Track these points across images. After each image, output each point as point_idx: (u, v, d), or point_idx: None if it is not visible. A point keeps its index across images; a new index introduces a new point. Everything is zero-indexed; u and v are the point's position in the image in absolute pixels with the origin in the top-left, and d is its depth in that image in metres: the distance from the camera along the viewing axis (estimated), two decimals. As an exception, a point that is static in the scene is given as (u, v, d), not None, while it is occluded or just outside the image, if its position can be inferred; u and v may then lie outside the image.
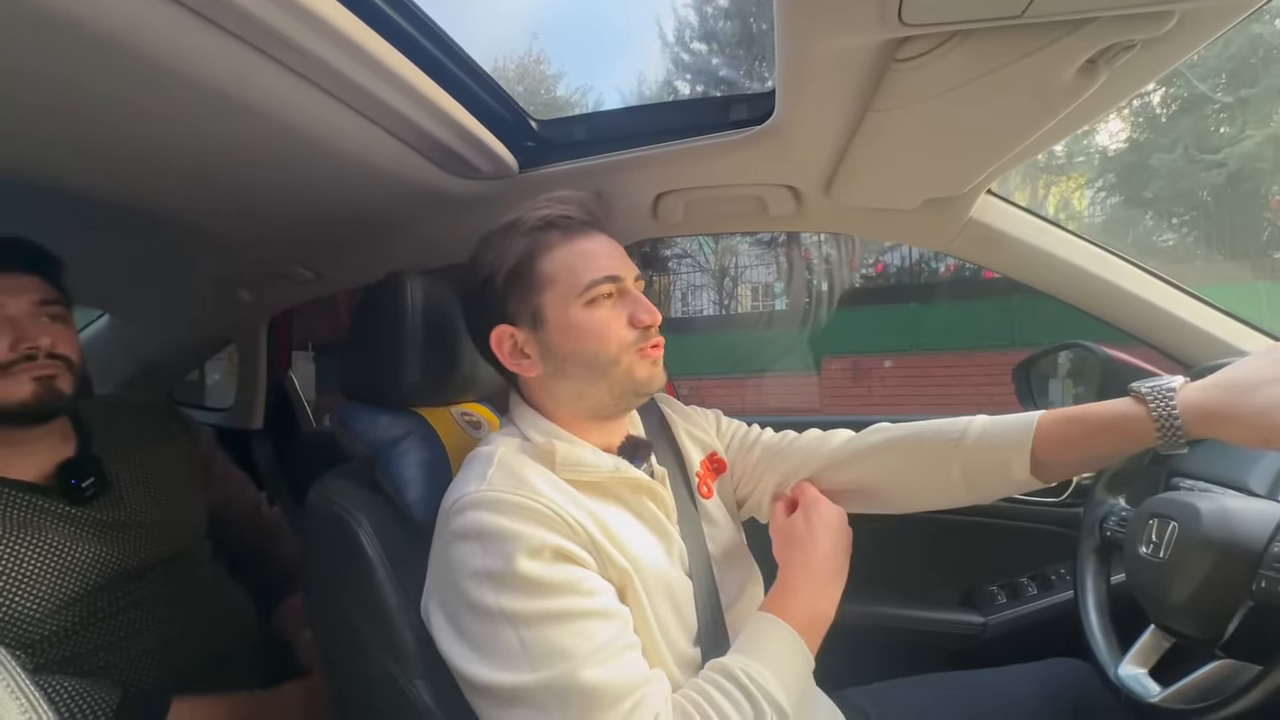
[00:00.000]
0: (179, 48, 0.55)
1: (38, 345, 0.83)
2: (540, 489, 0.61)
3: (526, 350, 0.69)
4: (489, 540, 0.57)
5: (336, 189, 0.92)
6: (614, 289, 0.68)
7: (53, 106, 0.64)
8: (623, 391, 0.69)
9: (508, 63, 14.02)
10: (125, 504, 0.92)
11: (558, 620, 0.55)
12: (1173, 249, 9.01)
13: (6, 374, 0.81)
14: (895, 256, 9.48)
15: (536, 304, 0.67)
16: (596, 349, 0.67)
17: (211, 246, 1.14)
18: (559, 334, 0.67)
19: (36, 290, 0.86)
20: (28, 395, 0.82)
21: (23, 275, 0.86)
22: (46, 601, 0.80)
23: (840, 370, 8.02)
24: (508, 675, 0.54)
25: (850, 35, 0.56)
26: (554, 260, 0.67)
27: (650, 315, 0.68)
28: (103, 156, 0.77)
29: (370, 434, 0.75)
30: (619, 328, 0.67)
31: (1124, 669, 0.73)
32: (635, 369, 0.68)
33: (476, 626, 0.56)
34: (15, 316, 0.83)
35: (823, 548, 0.68)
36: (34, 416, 0.85)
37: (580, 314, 0.66)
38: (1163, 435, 0.60)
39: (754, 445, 0.85)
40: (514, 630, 0.54)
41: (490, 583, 0.56)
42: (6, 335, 0.82)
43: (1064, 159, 10.00)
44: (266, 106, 0.66)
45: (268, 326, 1.67)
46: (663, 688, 0.57)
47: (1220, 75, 8.04)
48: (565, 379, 0.69)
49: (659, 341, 0.70)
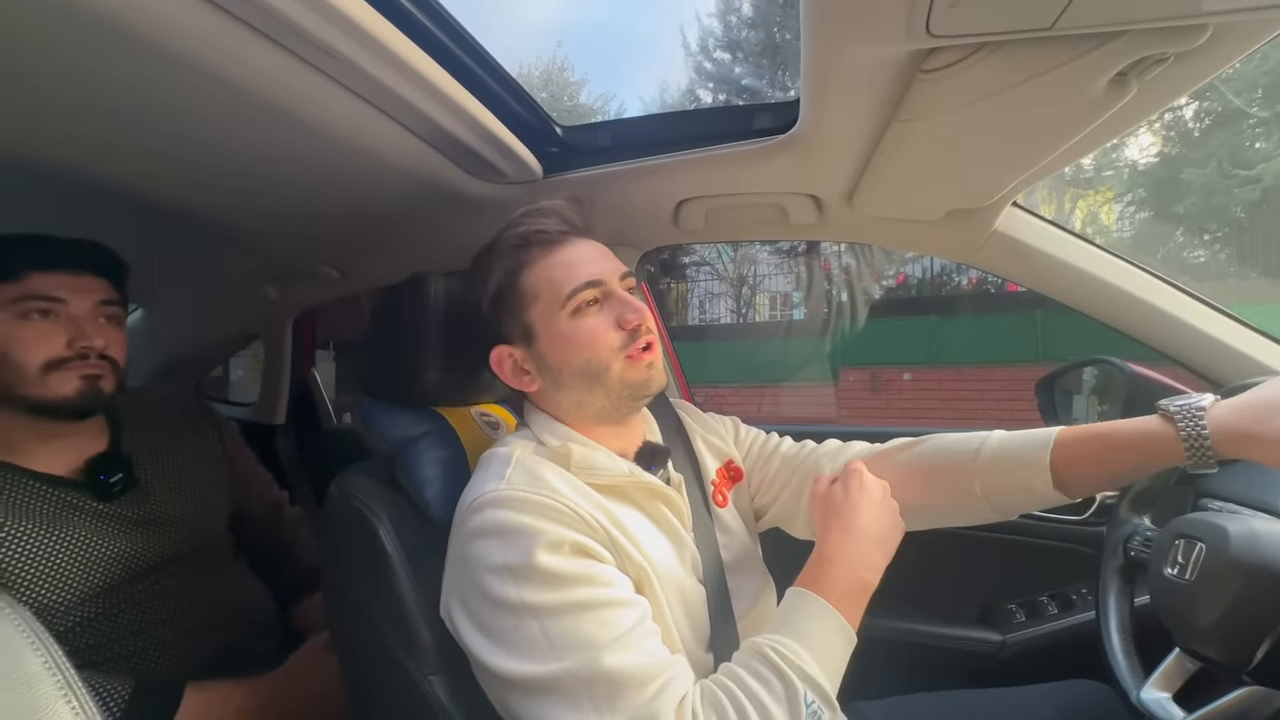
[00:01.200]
0: (219, 51, 0.57)
1: (92, 345, 0.86)
2: (558, 487, 0.61)
3: (525, 367, 0.70)
4: (508, 536, 0.58)
5: (364, 190, 0.94)
6: (597, 294, 0.68)
7: (95, 105, 0.66)
8: (620, 396, 0.69)
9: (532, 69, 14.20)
10: (151, 500, 0.94)
11: (579, 610, 0.55)
12: (1204, 265, 8.79)
13: (58, 370, 0.84)
14: (916, 268, 9.37)
15: (525, 321, 0.69)
16: (587, 357, 0.67)
17: (242, 245, 1.17)
18: (550, 347, 0.68)
19: (101, 291, 0.90)
20: (72, 393, 0.85)
21: (91, 277, 0.89)
22: (72, 594, 0.82)
23: (858, 382, 7.93)
24: (534, 666, 0.54)
25: (877, 46, 0.56)
26: (534, 275, 0.68)
27: (636, 314, 0.67)
28: (142, 155, 0.80)
29: (392, 431, 0.76)
30: (606, 333, 0.67)
31: (1146, 692, 0.71)
32: (628, 373, 0.68)
33: (500, 620, 0.56)
34: (77, 316, 0.87)
35: (863, 513, 0.66)
36: (74, 413, 0.88)
37: (567, 324, 0.67)
38: (1192, 455, 0.59)
39: (773, 455, 0.85)
40: (537, 622, 0.55)
41: (511, 577, 0.56)
42: (65, 332, 0.85)
43: (1092, 172, 9.81)
44: (300, 109, 0.68)
45: (293, 324, 1.71)
46: (688, 671, 0.57)
47: (1257, 89, 7.85)
48: (564, 390, 0.70)
49: (651, 341, 0.69)
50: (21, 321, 0.83)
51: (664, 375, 0.71)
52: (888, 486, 0.69)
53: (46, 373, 0.83)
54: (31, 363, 0.83)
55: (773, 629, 0.60)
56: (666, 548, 0.68)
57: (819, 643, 0.58)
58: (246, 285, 1.41)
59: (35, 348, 0.83)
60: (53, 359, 0.84)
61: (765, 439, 0.88)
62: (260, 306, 1.54)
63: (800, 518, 0.81)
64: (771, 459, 0.85)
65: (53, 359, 0.84)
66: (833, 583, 0.62)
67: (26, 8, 0.50)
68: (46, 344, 0.84)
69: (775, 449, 0.86)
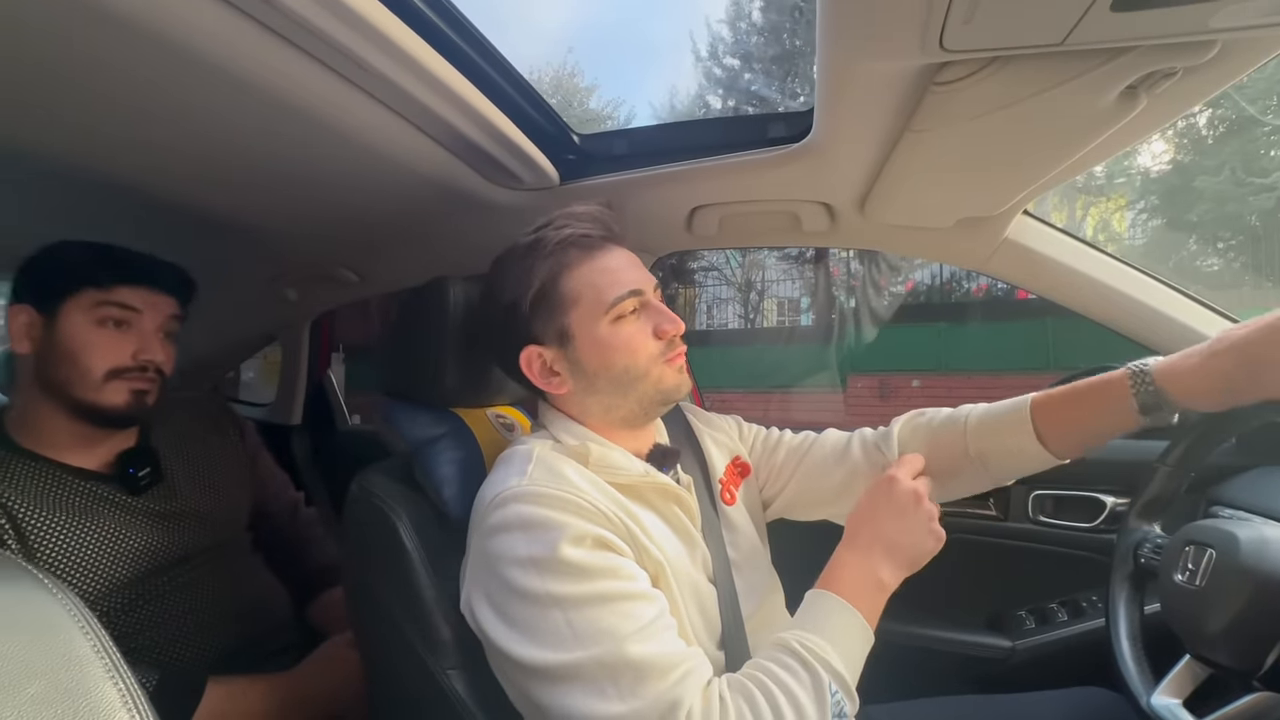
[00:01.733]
0: (245, 56, 0.58)
1: (154, 360, 0.90)
2: (578, 484, 0.63)
3: (556, 369, 0.71)
4: (533, 530, 0.59)
5: (384, 195, 0.95)
6: (637, 303, 0.70)
7: (120, 105, 0.67)
8: (652, 401, 0.71)
9: (543, 74, 14.30)
10: (176, 494, 0.97)
11: (602, 601, 0.56)
12: (1218, 274, 8.71)
13: (118, 379, 0.88)
14: (925, 275, 9.34)
15: (563, 323, 0.69)
16: (626, 364, 0.69)
17: (263, 247, 1.19)
18: (588, 351, 0.69)
19: (170, 309, 0.94)
20: (121, 404, 0.89)
21: (166, 296, 0.93)
22: (100, 585, 0.84)
23: (866, 388, 7.91)
24: (558, 655, 0.55)
25: (891, 60, 0.57)
26: (577, 279, 0.69)
27: (674, 325, 0.70)
28: (162, 157, 0.81)
29: (412, 431, 0.77)
30: (645, 341, 0.69)
31: (1157, 699, 0.71)
32: (664, 379, 0.70)
33: (524, 611, 0.57)
34: (146, 330, 0.91)
35: (885, 521, 0.66)
36: (117, 422, 0.91)
37: (607, 330, 0.68)
38: (1138, 394, 0.67)
39: (777, 447, 0.88)
40: (561, 612, 0.56)
41: (535, 569, 0.57)
42: (133, 344, 0.89)
43: (1104, 180, 9.76)
44: (323, 114, 0.70)
45: (311, 326, 1.73)
46: (707, 662, 0.58)
47: (1271, 97, 7.79)
48: (596, 394, 0.71)
49: (682, 349, 0.72)
50: (98, 328, 0.87)
51: (690, 382, 0.73)
52: (921, 492, 0.68)
53: (107, 380, 0.87)
54: (98, 369, 0.86)
55: (795, 625, 0.62)
56: (679, 547, 0.69)
57: (841, 639, 0.60)
58: (266, 287, 1.43)
59: (105, 355, 0.87)
60: (116, 368, 0.88)
61: (767, 433, 0.91)
62: (279, 308, 1.56)
63: (807, 502, 0.86)
64: (777, 450, 0.88)
65: (116, 368, 0.88)
66: (851, 584, 0.64)
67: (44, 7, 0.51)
68: (115, 352, 0.88)
69: (779, 440, 0.89)
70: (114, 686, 0.36)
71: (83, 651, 0.37)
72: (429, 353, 0.79)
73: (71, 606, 0.38)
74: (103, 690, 0.36)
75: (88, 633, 0.38)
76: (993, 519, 1.20)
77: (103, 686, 0.36)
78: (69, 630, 0.37)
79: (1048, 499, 1.16)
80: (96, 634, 0.38)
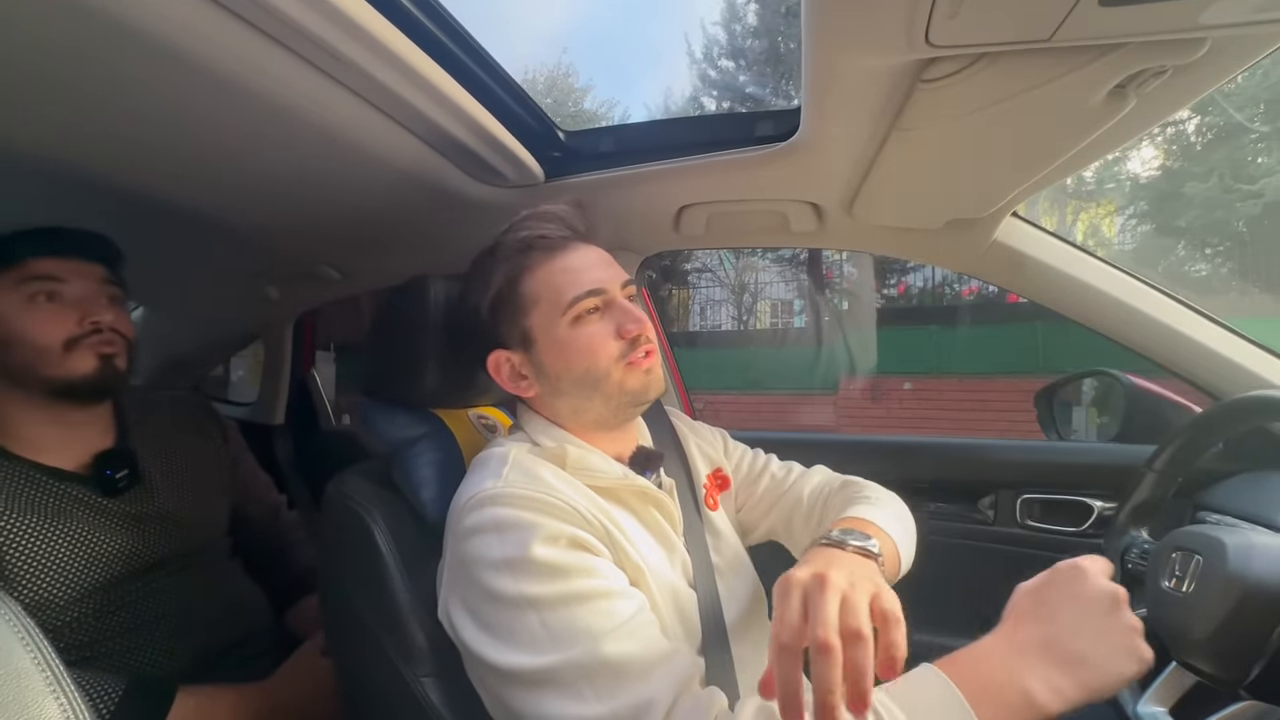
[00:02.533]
0: (222, 49, 0.57)
1: (102, 319, 0.88)
2: (554, 485, 0.61)
3: (523, 372, 0.70)
4: (506, 531, 0.57)
5: (367, 192, 0.94)
6: (599, 302, 0.68)
7: (93, 99, 0.66)
8: (619, 403, 0.69)
9: (537, 75, 14.29)
10: (154, 497, 0.94)
11: (578, 601, 0.55)
12: (1206, 279, 8.81)
13: (75, 348, 0.86)
14: (917, 278, 9.40)
15: (525, 326, 0.68)
16: (586, 365, 0.67)
17: (244, 245, 1.17)
18: (549, 353, 0.68)
19: (98, 275, 0.91)
20: (91, 370, 0.87)
21: (88, 263, 0.91)
22: (71, 589, 0.82)
23: (858, 390, 7.93)
24: (533, 658, 0.53)
25: (877, 56, 0.56)
26: (536, 281, 0.68)
27: (637, 325, 0.67)
28: (143, 152, 0.80)
29: (390, 432, 0.76)
30: (605, 342, 0.67)
31: (1143, 707, 0.71)
32: (627, 381, 0.68)
33: (499, 615, 0.56)
34: (82, 294, 0.88)
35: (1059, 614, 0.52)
36: (94, 392, 0.89)
37: (567, 332, 0.67)
38: None
39: (761, 475, 0.87)
40: (536, 614, 0.54)
41: (509, 571, 0.56)
42: (74, 311, 0.87)
43: (1093, 185, 9.85)
44: (303, 109, 0.68)
45: (294, 325, 1.71)
46: (689, 661, 0.55)
47: (1259, 105, 7.88)
48: (562, 396, 0.69)
49: (651, 349, 0.69)
50: (30, 305, 0.85)
51: (662, 382, 0.71)
52: (1122, 596, 0.53)
53: (67, 351, 0.85)
54: (53, 342, 0.85)
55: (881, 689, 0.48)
56: (658, 552, 0.68)
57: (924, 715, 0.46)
58: (248, 285, 1.41)
59: (51, 328, 0.85)
60: (70, 337, 0.86)
61: (753, 457, 0.89)
62: (261, 307, 1.54)
63: (785, 536, 0.84)
64: (760, 479, 0.86)
65: (70, 337, 0.86)
66: (982, 682, 0.48)
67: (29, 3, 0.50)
68: (60, 324, 0.86)
69: (764, 469, 0.87)
70: (55, 701, 0.35)
71: (23, 665, 0.35)
72: (409, 352, 0.78)
73: (11, 617, 0.37)
74: (43, 705, 0.34)
75: (29, 645, 0.36)
76: (982, 523, 1.20)
77: (43, 701, 0.34)
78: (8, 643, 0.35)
79: (1036, 503, 1.16)
80: (39, 646, 0.37)
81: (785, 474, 0.86)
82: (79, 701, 0.35)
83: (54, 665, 0.37)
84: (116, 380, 0.90)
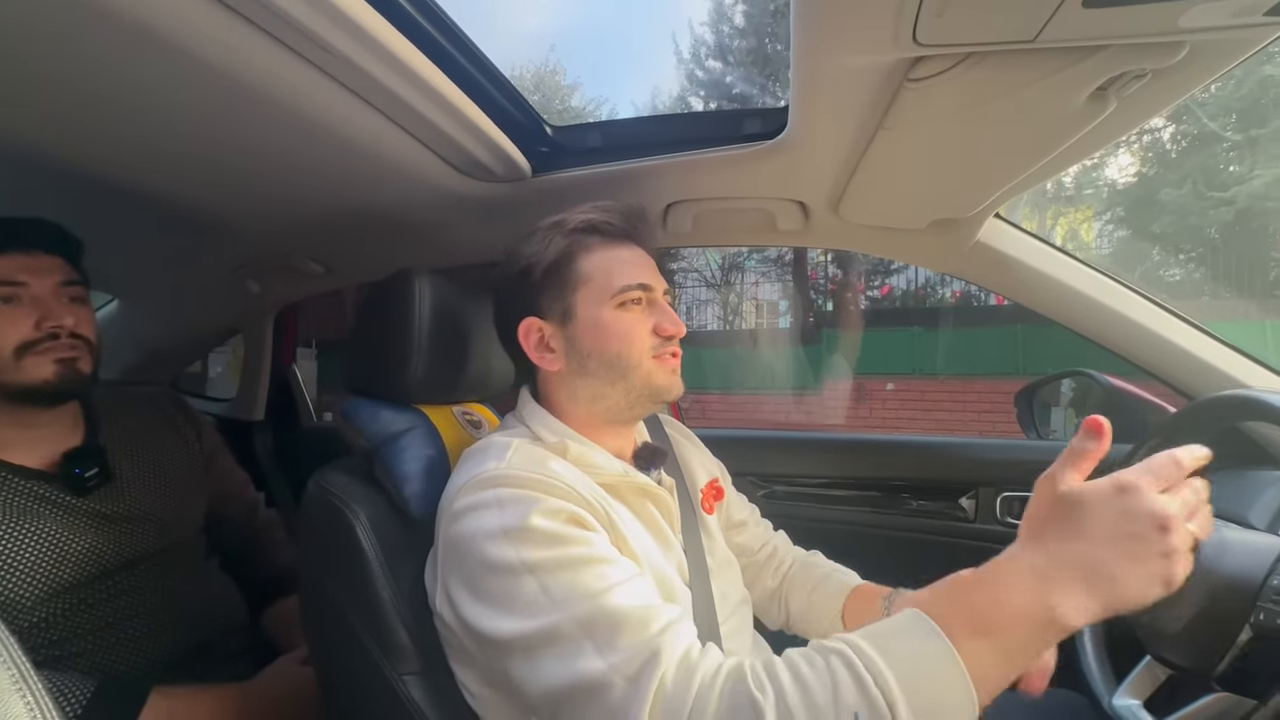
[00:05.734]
0: (202, 35, 0.56)
1: (62, 325, 0.84)
2: (558, 471, 0.62)
3: (552, 344, 0.71)
4: (506, 505, 0.58)
5: (350, 184, 0.93)
6: (644, 297, 0.71)
7: (71, 85, 0.64)
8: (639, 395, 0.70)
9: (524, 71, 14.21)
10: (125, 496, 0.92)
11: (577, 565, 0.54)
12: (1179, 284, 9.00)
13: (32, 353, 0.83)
14: (901, 280, 9.49)
15: (569, 301, 0.70)
16: (620, 349, 0.69)
17: (223, 236, 1.15)
18: (586, 331, 0.69)
19: (60, 271, 0.88)
20: (50, 375, 0.83)
21: (47, 256, 0.87)
22: (39, 589, 0.80)
23: (843, 390, 8.00)
24: (534, 621, 0.53)
25: (865, 54, 0.56)
26: (591, 262, 0.70)
27: (675, 327, 0.71)
28: (120, 142, 0.78)
29: (373, 428, 0.75)
30: (643, 333, 0.70)
31: (1118, 700, 0.72)
32: (654, 374, 0.70)
33: (498, 583, 0.55)
34: (40, 296, 0.85)
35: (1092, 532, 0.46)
36: (54, 396, 0.86)
37: (609, 315, 0.69)
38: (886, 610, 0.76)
39: (744, 526, 0.92)
40: (535, 578, 0.54)
41: (508, 539, 0.56)
42: (32, 315, 0.83)
43: (1073, 190, 10.02)
44: (286, 99, 0.67)
45: (274, 319, 1.68)
46: (690, 622, 0.55)
47: (1231, 114, 8.07)
48: (586, 376, 0.70)
49: (678, 351, 0.72)
50: None
51: (681, 385, 0.73)
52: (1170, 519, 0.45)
53: (20, 357, 0.82)
54: (4, 349, 0.81)
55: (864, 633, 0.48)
56: (655, 549, 0.68)
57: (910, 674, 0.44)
58: (228, 278, 1.39)
59: (4, 333, 0.81)
60: (24, 342, 0.82)
61: (744, 504, 0.94)
62: (241, 300, 1.51)
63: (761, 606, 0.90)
64: (743, 527, 0.92)
65: (24, 342, 0.82)
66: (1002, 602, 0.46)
67: None
68: (14, 328, 0.82)
69: (747, 519, 0.93)
70: (21, 699, 0.34)
71: (-14, 662, 0.34)
72: (392, 347, 0.77)
73: (-24, 613, 0.35)
74: (9, 703, 0.33)
75: None
76: (963, 520, 1.21)
77: (8, 699, 0.33)
78: None
79: (1016, 501, 1.17)
80: (4, 644, 0.36)
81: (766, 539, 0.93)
82: (46, 700, 0.34)
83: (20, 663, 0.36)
84: (79, 383, 0.87)
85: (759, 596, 0.89)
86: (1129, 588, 0.45)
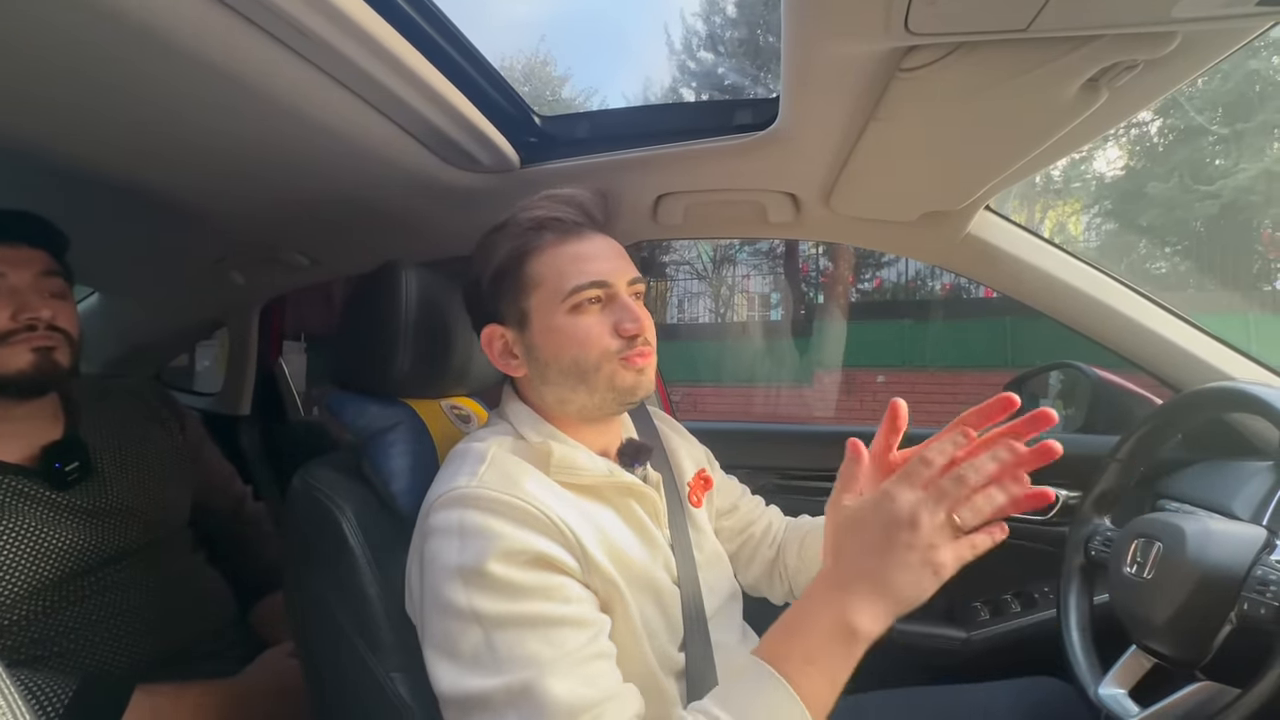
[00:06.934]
0: (187, 23, 0.55)
1: (38, 316, 0.83)
2: (531, 491, 0.59)
3: (514, 351, 0.69)
4: (468, 537, 0.56)
5: (335, 175, 0.91)
6: (601, 294, 0.66)
7: (52, 73, 0.63)
8: (604, 398, 0.67)
9: (514, 62, 14.08)
10: (107, 490, 0.91)
11: (527, 625, 0.53)
12: (1165, 276, 9.09)
13: (7, 344, 0.81)
14: (891, 273, 9.53)
15: (524, 306, 0.67)
16: (576, 355, 0.65)
17: (207, 227, 1.13)
18: (542, 338, 0.66)
19: (40, 263, 0.86)
20: (26, 366, 0.82)
21: (27, 248, 0.86)
22: (19, 587, 0.79)
23: (832, 383, 8.04)
24: (472, 680, 0.52)
25: (856, 42, 0.56)
26: (542, 263, 0.66)
27: (635, 324, 0.65)
28: (101, 131, 0.76)
29: (359, 422, 0.74)
30: (602, 335, 0.65)
31: (1104, 688, 0.73)
32: (617, 377, 0.66)
33: (446, 625, 0.55)
34: (18, 287, 0.83)
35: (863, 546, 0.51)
36: (31, 388, 0.84)
37: (563, 320, 0.65)
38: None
39: (735, 508, 0.90)
40: (481, 629, 0.53)
41: (462, 580, 0.54)
42: (8, 305, 0.82)
43: (1061, 183, 10.09)
44: (271, 89, 0.66)
45: (260, 312, 1.66)
46: (626, 707, 0.54)
47: (1218, 108, 8.14)
48: (548, 383, 0.68)
49: (647, 350, 0.67)
50: None
51: (653, 383, 0.69)
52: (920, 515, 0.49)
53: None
54: None
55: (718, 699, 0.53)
56: (638, 547, 0.67)
57: None
58: (211, 270, 1.37)
59: None
60: (1, 332, 0.81)
61: (734, 485, 0.92)
62: (225, 293, 1.49)
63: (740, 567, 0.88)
64: (735, 510, 0.90)
65: (1, 332, 0.81)
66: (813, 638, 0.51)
67: None
68: None
69: (738, 500, 0.91)
70: None
71: (-42, 663, 0.33)
72: (380, 341, 0.76)
73: (-53, 614, 0.35)
74: None
75: None
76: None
77: None
78: None
79: (1004, 492, 1.18)
80: None
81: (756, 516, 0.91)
82: (18, 701, 0.33)
83: None
84: (56, 375, 0.86)
85: (760, 571, 0.87)
86: (904, 587, 0.49)
